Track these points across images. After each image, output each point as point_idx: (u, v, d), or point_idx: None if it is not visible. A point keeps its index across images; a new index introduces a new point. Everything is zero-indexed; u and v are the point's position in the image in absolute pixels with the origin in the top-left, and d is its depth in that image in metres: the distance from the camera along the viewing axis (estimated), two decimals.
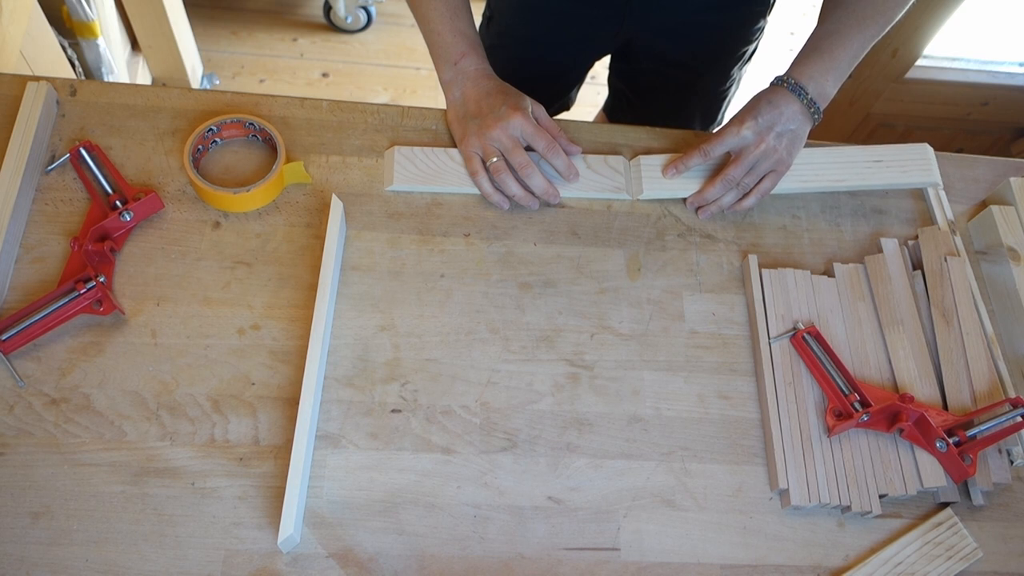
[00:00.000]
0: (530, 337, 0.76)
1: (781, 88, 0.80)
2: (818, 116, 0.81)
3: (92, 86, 0.84)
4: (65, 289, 0.70)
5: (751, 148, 0.79)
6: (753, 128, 0.79)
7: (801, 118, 0.80)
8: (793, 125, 0.79)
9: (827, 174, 0.84)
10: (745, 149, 0.80)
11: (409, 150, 0.84)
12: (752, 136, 0.79)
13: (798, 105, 0.79)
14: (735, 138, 0.80)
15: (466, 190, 0.83)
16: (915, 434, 0.72)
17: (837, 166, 0.85)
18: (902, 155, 0.85)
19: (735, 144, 0.80)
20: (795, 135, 0.80)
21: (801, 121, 0.80)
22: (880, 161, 0.85)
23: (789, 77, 0.80)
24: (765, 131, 0.79)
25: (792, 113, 0.79)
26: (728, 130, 0.80)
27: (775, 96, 0.80)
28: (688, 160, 0.83)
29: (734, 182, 0.81)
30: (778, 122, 0.79)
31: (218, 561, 0.64)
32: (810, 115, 0.80)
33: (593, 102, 2.03)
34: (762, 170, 0.81)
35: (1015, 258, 0.83)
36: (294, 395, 0.70)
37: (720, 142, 0.81)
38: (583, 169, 0.84)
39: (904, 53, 1.59)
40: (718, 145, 0.81)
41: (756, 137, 0.79)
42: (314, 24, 2.17)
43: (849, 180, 0.84)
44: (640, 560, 0.68)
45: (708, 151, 0.81)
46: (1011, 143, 1.80)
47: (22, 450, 0.66)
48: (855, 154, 0.85)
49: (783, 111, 0.79)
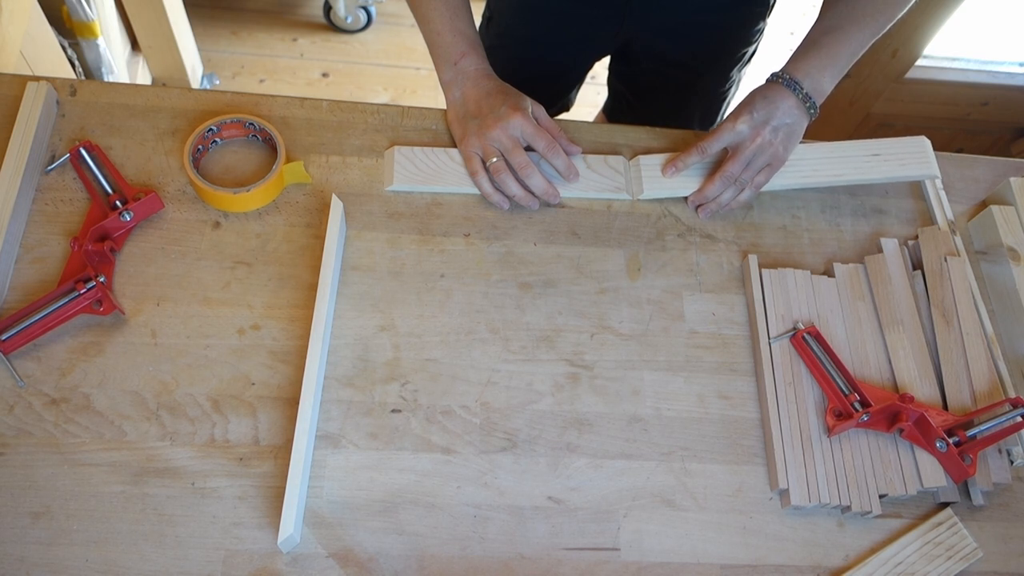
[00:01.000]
0: (530, 337, 0.76)
1: (776, 84, 0.81)
2: (814, 111, 0.81)
3: (92, 86, 0.84)
4: (65, 289, 0.70)
5: (747, 143, 0.80)
6: (748, 123, 0.79)
7: (797, 113, 0.80)
8: (789, 120, 0.80)
9: (825, 169, 0.84)
10: (741, 144, 0.80)
11: (409, 150, 0.84)
12: (748, 131, 0.79)
13: (793, 100, 0.80)
14: (731, 134, 0.80)
15: (466, 190, 0.83)
16: (915, 434, 0.72)
17: (834, 160, 0.84)
18: (900, 148, 0.85)
19: (731, 140, 0.80)
20: (791, 129, 0.80)
21: (797, 116, 0.80)
22: (878, 155, 0.84)
23: (785, 73, 0.80)
24: (760, 126, 0.79)
25: (788, 108, 0.79)
26: (724, 126, 0.80)
27: (770, 92, 0.80)
28: (686, 159, 0.83)
29: (732, 178, 0.81)
30: (774, 117, 0.79)
31: (218, 561, 0.64)
32: (806, 110, 0.80)
33: (593, 102, 2.03)
34: (759, 165, 0.81)
35: (1015, 258, 0.82)
36: (294, 395, 0.70)
37: (716, 139, 0.81)
38: (583, 169, 0.84)
39: (904, 53, 1.59)
40: (714, 142, 0.81)
41: (752, 132, 0.79)
42: (314, 24, 2.17)
43: (847, 174, 0.84)
44: (640, 560, 0.68)
45: (705, 148, 0.81)
46: (1011, 143, 1.80)
47: (22, 450, 0.66)
48: (853, 148, 0.85)
49: (778, 106, 0.79)
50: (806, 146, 0.85)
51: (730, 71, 1.11)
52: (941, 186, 0.89)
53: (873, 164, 0.84)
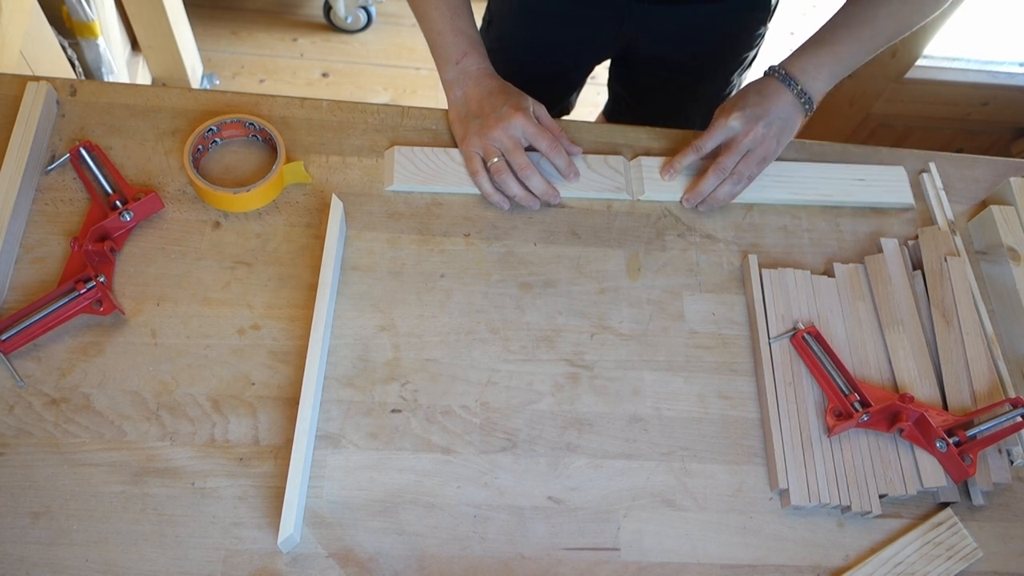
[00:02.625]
0: (530, 337, 0.76)
1: (771, 79, 0.80)
2: (810, 108, 0.80)
3: (92, 86, 0.84)
4: (65, 289, 0.70)
5: (741, 137, 0.79)
6: (740, 118, 0.79)
7: (791, 108, 0.80)
8: (783, 115, 0.79)
9: (817, 188, 0.87)
10: (735, 139, 0.80)
11: (409, 150, 0.84)
12: (740, 126, 0.79)
13: (788, 96, 0.79)
14: (724, 130, 0.80)
15: (466, 190, 0.83)
16: (915, 434, 0.72)
17: (824, 181, 0.88)
18: (881, 176, 0.89)
19: (725, 136, 0.80)
20: (784, 124, 0.80)
21: (791, 111, 0.80)
22: (863, 180, 0.89)
23: (781, 68, 0.80)
24: (754, 120, 0.79)
25: (781, 103, 0.79)
26: (717, 123, 0.80)
27: (764, 86, 0.80)
28: (682, 159, 0.83)
29: (726, 171, 0.81)
30: (767, 112, 0.79)
31: (218, 561, 0.64)
32: (801, 106, 0.80)
33: (594, 102, 2.03)
34: (754, 158, 0.80)
35: (1015, 258, 0.82)
36: (294, 395, 0.70)
37: (711, 136, 0.81)
38: (583, 169, 0.84)
39: (904, 53, 1.59)
40: (708, 140, 0.81)
41: (745, 127, 0.79)
42: (314, 24, 2.17)
43: (835, 195, 0.87)
44: (640, 560, 0.68)
45: (700, 147, 0.81)
46: (1011, 143, 1.80)
47: (22, 450, 0.66)
48: (841, 171, 0.89)
49: (772, 101, 0.79)
50: (800, 165, 0.88)
51: (731, 75, 1.11)
52: (941, 186, 0.89)
53: (858, 188, 0.88)
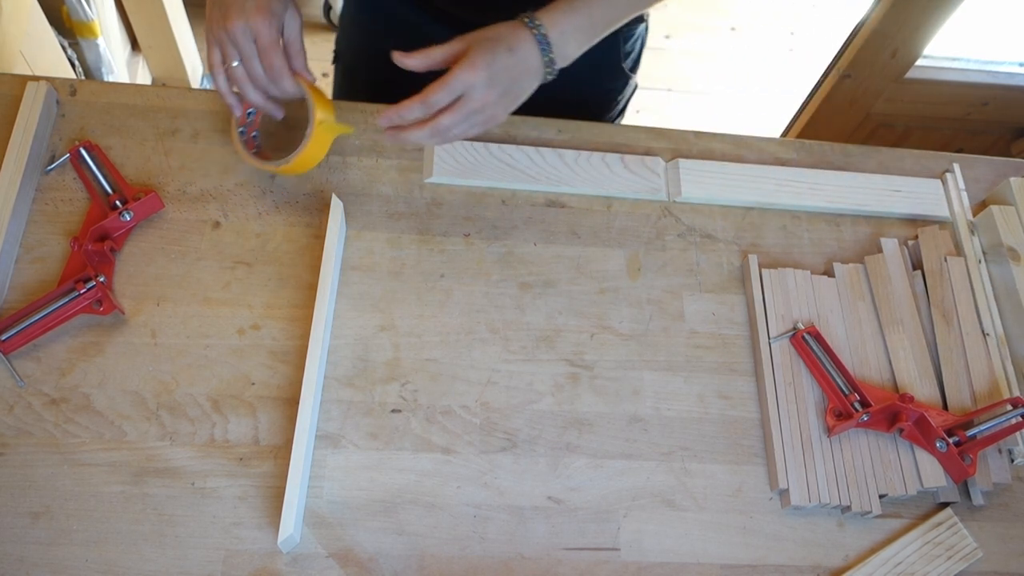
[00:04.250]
0: (530, 337, 0.76)
1: (527, 34, 0.69)
2: (551, 76, 0.71)
3: (92, 86, 0.84)
4: (65, 289, 0.70)
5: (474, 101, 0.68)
6: (485, 80, 0.67)
7: (533, 79, 0.71)
8: (524, 85, 0.70)
9: (854, 198, 0.87)
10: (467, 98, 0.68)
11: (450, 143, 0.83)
12: (480, 92, 0.68)
13: (538, 62, 0.70)
14: (462, 86, 0.68)
15: (506, 185, 0.83)
16: (915, 434, 0.72)
17: (863, 191, 0.88)
18: (917, 188, 0.89)
19: (461, 92, 0.68)
20: (519, 95, 0.71)
21: (532, 81, 0.71)
22: (899, 191, 0.88)
23: (541, 26, 0.70)
24: (493, 85, 0.68)
25: (530, 71, 0.70)
26: (457, 77, 0.67)
27: (518, 44, 0.69)
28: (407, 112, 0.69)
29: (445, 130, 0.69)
30: (512, 81, 0.69)
31: (218, 561, 0.64)
32: (543, 75, 0.71)
33: None
34: (477, 121, 0.70)
35: (1015, 258, 0.82)
36: (294, 395, 0.70)
37: (446, 90, 0.68)
38: (619, 169, 0.85)
39: (904, 53, 1.59)
40: (443, 93, 0.68)
41: (484, 93, 0.68)
42: (314, 24, 2.17)
43: (872, 205, 0.87)
44: (640, 560, 0.68)
45: (432, 103, 0.68)
46: (1011, 143, 1.80)
47: (22, 450, 0.66)
48: (877, 182, 0.89)
49: (520, 68, 0.69)
50: (837, 174, 0.88)
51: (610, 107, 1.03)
52: (963, 186, 0.89)
53: (895, 199, 0.88)
